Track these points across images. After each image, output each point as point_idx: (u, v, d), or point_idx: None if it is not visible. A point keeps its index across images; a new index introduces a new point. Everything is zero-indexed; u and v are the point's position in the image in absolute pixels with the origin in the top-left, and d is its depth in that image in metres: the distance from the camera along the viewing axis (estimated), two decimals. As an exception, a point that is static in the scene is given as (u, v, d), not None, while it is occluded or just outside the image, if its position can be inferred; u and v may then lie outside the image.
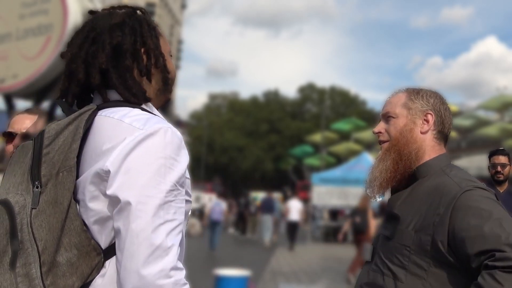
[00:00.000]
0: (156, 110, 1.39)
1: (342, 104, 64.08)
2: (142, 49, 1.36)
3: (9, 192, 1.25)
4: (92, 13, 1.42)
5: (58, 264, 1.18)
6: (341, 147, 36.50)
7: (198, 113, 67.65)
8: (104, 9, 1.42)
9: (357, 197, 17.84)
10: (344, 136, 38.16)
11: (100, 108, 1.32)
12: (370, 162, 19.19)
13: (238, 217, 23.48)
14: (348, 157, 30.50)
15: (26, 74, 15.64)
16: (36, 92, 16.32)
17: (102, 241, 1.24)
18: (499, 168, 3.77)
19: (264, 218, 18.52)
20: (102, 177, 1.21)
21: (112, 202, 1.21)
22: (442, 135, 1.71)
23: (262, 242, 18.04)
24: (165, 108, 1.48)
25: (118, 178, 1.19)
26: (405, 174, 1.66)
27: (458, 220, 1.48)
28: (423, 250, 1.52)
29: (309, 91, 66.09)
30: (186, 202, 1.31)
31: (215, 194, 25.58)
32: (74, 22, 14.64)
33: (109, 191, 1.19)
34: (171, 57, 1.46)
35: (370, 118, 52.03)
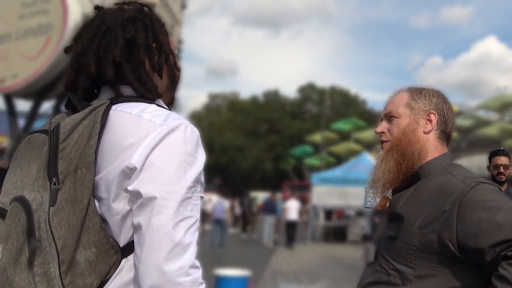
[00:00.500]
0: (166, 107, 1.38)
1: (342, 104, 64.07)
2: (154, 44, 1.35)
3: (16, 186, 1.23)
4: (98, 8, 1.40)
5: (76, 262, 1.17)
6: (341, 147, 36.50)
7: (198, 113, 67.66)
8: (115, 3, 1.40)
9: (357, 197, 17.84)
10: (344, 136, 38.16)
11: (113, 103, 1.29)
12: (370, 162, 19.19)
13: (241, 216, 23.54)
14: (348, 157, 30.49)
15: (26, 74, 15.64)
16: (36, 92, 16.32)
17: (120, 239, 1.23)
18: (502, 169, 3.79)
19: (266, 219, 18.40)
20: (127, 174, 1.20)
21: (132, 198, 1.20)
22: (445, 135, 1.70)
23: (262, 243, 18.00)
24: (171, 107, 1.46)
25: (141, 174, 1.18)
26: (407, 175, 1.65)
27: (467, 215, 1.46)
28: (430, 248, 1.51)
29: (309, 91, 66.09)
30: (200, 198, 1.30)
31: (215, 193, 25.58)
32: (74, 22, 14.62)
33: (130, 187, 1.18)
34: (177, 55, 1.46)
35: (370, 118, 52.02)
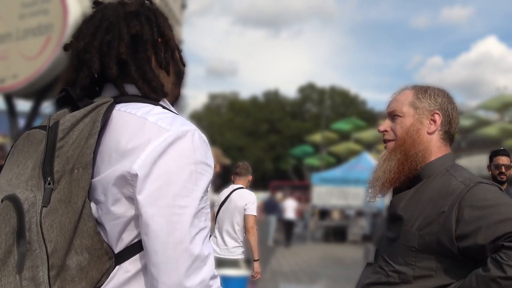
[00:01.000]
0: (172, 107, 1.32)
1: (342, 104, 64.05)
2: (159, 40, 1.29)
3: (11, 183, 1.16)
4: (97, 3, 1.33)
5: (67, 268, 1.11)
6: (341, 147, 36.49)
7: (198, 113, 67.62)
8: None
9: (357, 197, 17.84)
10: (344, 136, 38.14)
11: (116, 102, 1.23)
12: (370, 162, 19.19)
13: None
14: (348, 157, 30.48)
15: (26, 74, 15.62)
16: (36, 92, 16.31)
17: (116, 245, 1.17)
18: (503, 169, 3.80)
19: (269, 219, 18.54)
20: (127, 180, 1.13)
21: (140, 210, 1.13)
22: (448, 135, 1.68)
23: (266, 242, 18.02)
24: (177, 104, 1.41)
25: (148, 185, 1.12)
26: (409, 176, 1.63)
27: (466, 215, 1.46)
28: (429, 249, 1.51)
29: (309, 91, 66.07)
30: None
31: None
32: (74, 22, 14.61)
33: (139, 199, 1.12)
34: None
35: (370, 118, 51.98)
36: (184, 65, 1.36)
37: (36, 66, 15.55)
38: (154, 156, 1.12)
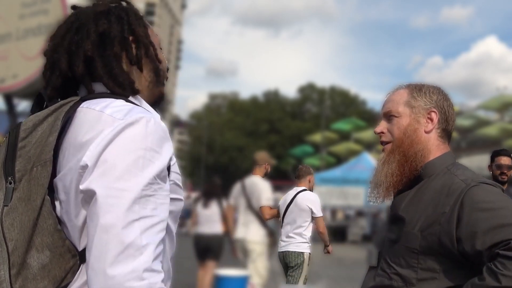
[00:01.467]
0: (146, 104, 1.30)
1: (342, 104, 64.05)
2: (130, 37, 1.29)
3: None
4: (74, 8, 1.35)
5: (28, 266, 1.10)
6: (341, 147, 36.51)
7: (198, 113, 67.60)
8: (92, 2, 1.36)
9: (357, 197, 17.84)
10: (344, 136, 38.16)
11: (84, 99, 1.23)
12: (370, 162, 19.17)
13: None
14: (348, 157, 30.49)
15: (26, 74, 15.63)
16: (36, 92, 16.28)
17: (80, 242, 1.15)
18: (505, 169, 3.82)
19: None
20: (81, 172, 1.12)
21: (86, 198, 1.10)
22: (446, 133, 1.66)
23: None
24: (160, 104, 1.40)
25: (95, 171, 1.09)
26: (410, 176, 1.61)
27: (465, 216, 1.43)
28: (432, 250, 1.48)
29: (309, 91, 66.07)
30: (177, 200, 1.24)
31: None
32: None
33: (82, 186, 1.10)
34: (161, 49, 1.39)
35: (370, 118, 51.89)
36: (160, 61, 1.35)
37: (36, 66, 15.54)
38: (103, 144, 1.11)
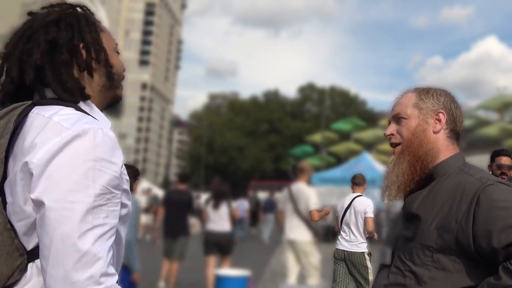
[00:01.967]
0: (97, 109, 1.35)
1: (342, 104, 64.11)
2: (80, 44, 1.32)
3: None
4: (31, 14, 1.39)
5: None
6: (341, 147, 36.52)
7: (198, 113, 67.66)
8: (43, 7, 1.39)
9: (357, 197, 17.80)
10: (344, 136, 38.18)
11: (35, 104, 1.27)
12: (370, 162, 19.18)
13: (251, 215, 23.76)
14: (348, 157, 30.49)
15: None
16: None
17: (28, 242, 1.20)
18: (505, 169, 3.81)
19: (267, 217, 19.36)
20: (28, 179, 1.16)
21: (34, 207, 1.16)
22: (454, 134, 1.69)
23: (261, 239, 18.50)
24: (115, 107, 1.45)
25: (41, 182, 1.14)
26: (421, 175, 1.64)
27: (482, 214, 1.46)
28: (447, 248, 1.50)
29: (309, 91, 66.14)
30: (125, 205, 1.28)
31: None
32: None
33: (32, 195, 1.15)
34: (118, 53, 1.43)
35: (370, 118, 51.98)
36: (111, 66, 1.38)
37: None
38: (50, 154, 1.15)
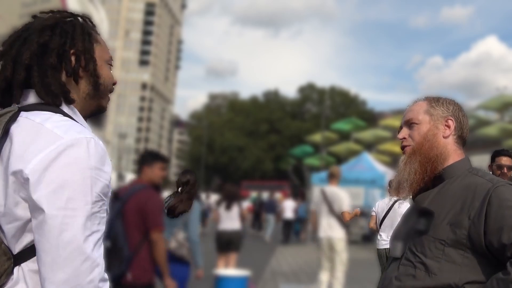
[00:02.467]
0: (79, 114, 1.39)
1: (342, 104, 64.15)
2: (71, 50, 1.36)
3: None
4: (34, 17, 1.43)
5: None
6: (341, 147, 36.48)
7: (198, 113, 67.72)
8: (46, 12, 1.44)
9: (357, 197, 17.79)
10: (344, 136, 38.14)
11: (22, 109, 1.31)
12: (370, 162, 19.18)
13: (255, 217, 23.83)
14: (348, 157, 30.46)
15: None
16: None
17: (15, 246, 1.23)
18: (505, 170, 3.82)
19: (268, 217, 20.20)
20: (22, 183, 1.20)
21: (32, 212, 1.19)
22: (461, 140, 1.84)
23: (263, 238, 19.08)
24: (97, 117, 1.49)
25: (41, 189, 1.18)
26: (431, 176, 1.77)
27: (493, 212, 1.57)
28: (459, 243, 1.61)
29: (309, 91, 66.17)
30: (107, 212, 1.33)
31: (215, 194, 25.47)
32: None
33: (32, 202, 1.18)
34: (111, 66, 1.47)
35: (370, 118, 52.00)
36: (98, 77, 1.40)
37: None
38: (46, 161, 1.19)
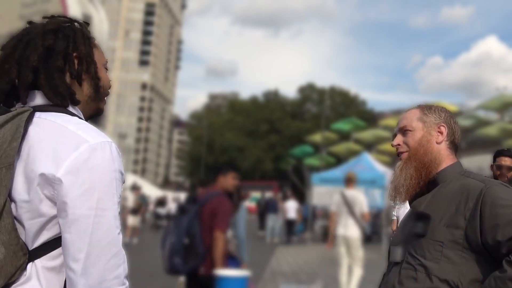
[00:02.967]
0: (82, 116, 1.44)
1: (342, 104, 64.12)
2: (74, 53, 1.42)
3: None
4: (30, 23, 1.48)
5: None
6: (341, 147, 36.47)
7: (198, 113, 67.73)
8: (43, 17, 1.48)
9: (357, 197, 17.79)
10: (344, 136, 38.12)
11: (36, 110, 1.36)
12: (370, 162, 19.18)
13: (259, 217, 23.90)
14: (348, 157, 30.47)
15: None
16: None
17: (32, 242, 1.28)
18: (504, 170, 3.82)
19: (269, 217, 20.35)
20: (51, 182, 1.25)
21: (63, 211, 1.26)
22: (454, 145, 1.92)
23: (264, 238, 19.35)
24: (96, 119, 1.54)
25: (74, 190, 1.25)
26: (426, 181, 1.84)
27: (487, 211, 1.62)
28: (457, 244, 1.66)
29: (309, 91, 66.15)
30: None
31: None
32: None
33: (62, 202, 1.25)
34: (107, 70, 1.53)
35: (370, 118, 51.99)
36: (99, 79, 1.47)
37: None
38: (77, 164, 1.27)
